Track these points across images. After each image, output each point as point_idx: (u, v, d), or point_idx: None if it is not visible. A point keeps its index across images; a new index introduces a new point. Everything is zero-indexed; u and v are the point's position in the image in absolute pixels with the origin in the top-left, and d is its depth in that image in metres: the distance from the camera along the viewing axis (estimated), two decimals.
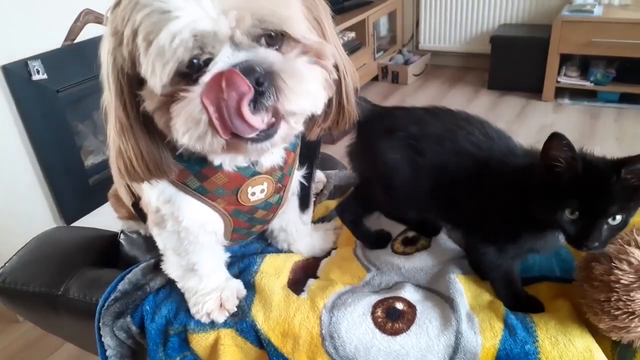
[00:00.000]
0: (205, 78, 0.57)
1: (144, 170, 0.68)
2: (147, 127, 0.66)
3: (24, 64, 1.75)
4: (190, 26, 0.55)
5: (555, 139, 0.67)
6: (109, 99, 0.66)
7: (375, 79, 4.00)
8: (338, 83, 0.70)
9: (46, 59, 1.79)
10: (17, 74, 1.75)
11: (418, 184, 0.84)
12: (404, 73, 3.88)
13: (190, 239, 0.82)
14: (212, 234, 0.83)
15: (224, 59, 0.58)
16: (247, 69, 0.56)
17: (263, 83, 0.57)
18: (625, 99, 3.24)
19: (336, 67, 0.69)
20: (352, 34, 3.21)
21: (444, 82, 3.92)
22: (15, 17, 1.77)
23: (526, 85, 3.51)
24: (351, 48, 3.57)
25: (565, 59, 3.36)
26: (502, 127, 0.84)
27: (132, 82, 0.63)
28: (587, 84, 3.30)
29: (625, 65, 3.15)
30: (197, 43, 0.56)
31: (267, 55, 0.59)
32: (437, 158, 0.81)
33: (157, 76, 0.58)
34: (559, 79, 3.36)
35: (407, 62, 3.98)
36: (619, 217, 0.66)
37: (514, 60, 3.50)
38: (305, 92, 0.61)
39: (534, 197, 0.71)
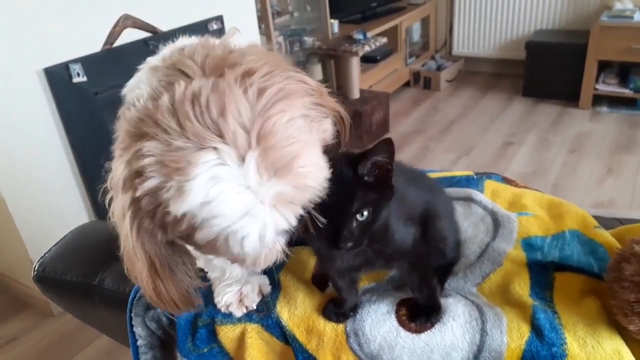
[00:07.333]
0: None
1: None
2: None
3: (65, 66, 1.81)
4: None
5: None
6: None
7: (407, 84, 3.99)
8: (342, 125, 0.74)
9: (86, 62, 1.85)
10: (58, 76, 1.82)
11: None
12: (437, 79, 3.86)
13: None
14: None
15: None
16: None
17: None
18: None
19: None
20: (384, 40, 3.21)
21: (477, 88, 3.88)
22: (56, 22, 1.84)
23: (562, 93, 3.44)
24: (382, 54, 3.57)
25: (604, 66, 3.28)
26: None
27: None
28: (627, 92, 3.22)
29: None
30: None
31: None
32: None
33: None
34: (596, 86, 3.29)
35: (439, 68, 3.96)
36: (365, 213, 0.65)
37: (550, 67, 3.43)
38: None
39: None
